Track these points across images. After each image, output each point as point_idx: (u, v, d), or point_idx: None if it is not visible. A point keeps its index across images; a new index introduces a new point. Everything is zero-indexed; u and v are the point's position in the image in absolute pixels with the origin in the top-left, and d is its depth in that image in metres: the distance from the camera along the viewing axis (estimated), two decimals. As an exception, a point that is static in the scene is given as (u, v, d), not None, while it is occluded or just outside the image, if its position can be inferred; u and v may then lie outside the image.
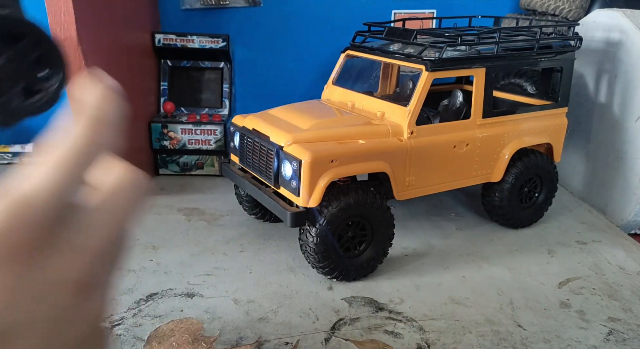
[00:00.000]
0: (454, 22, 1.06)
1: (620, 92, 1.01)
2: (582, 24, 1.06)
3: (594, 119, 1.08)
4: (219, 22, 1.24)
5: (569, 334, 0.69)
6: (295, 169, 0.72)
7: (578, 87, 1.10)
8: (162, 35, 1.15)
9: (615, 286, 0.80)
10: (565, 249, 0.91)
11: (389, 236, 0.81)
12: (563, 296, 0.77)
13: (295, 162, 0.72)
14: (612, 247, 0.92)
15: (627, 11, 1.01)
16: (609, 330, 0.70)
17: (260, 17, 1.25)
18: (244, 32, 1.25)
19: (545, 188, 0.97)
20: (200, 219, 0.99)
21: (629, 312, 0.74)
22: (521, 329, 0.69)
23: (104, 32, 0.91)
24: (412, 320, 0.71)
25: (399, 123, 0.80)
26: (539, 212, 0.99)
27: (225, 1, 1.22)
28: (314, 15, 1.26)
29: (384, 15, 1.27)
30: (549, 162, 0.96)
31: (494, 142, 0.89)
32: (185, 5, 1.21)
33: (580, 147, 1.13)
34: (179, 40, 1.15)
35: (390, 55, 0.87)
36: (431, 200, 1.08)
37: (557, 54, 0.92)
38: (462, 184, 0.89)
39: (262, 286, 0.78)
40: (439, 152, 0.83)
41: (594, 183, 1.10)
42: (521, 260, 0.87)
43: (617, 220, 1.02)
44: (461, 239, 0.94)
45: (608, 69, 1.03)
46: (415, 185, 0.83)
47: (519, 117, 0.91)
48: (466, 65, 0.84)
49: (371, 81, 1.11)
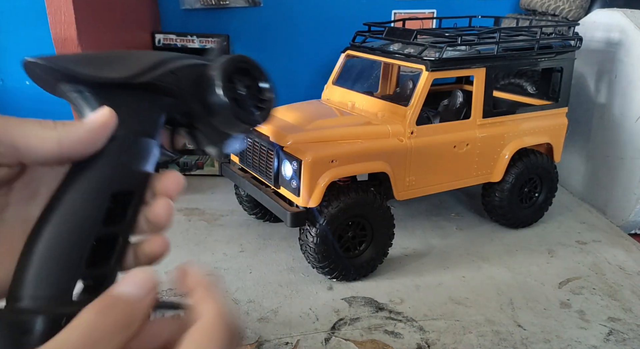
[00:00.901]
0: (454, 22, 1.06)
1: (620, 92, 1.01)
2: (582, 24, 1.06)
3: (594, 119, 1.08)
4: (219, 22, 1.23)
5: (569, 334, 0.69)
6: (296, 169, 0.72)
7: (578, 87, 1.10)
8: (162, 36, 1.15)
9: (615, 286, 0.80)
10: (566, 249, 0.91)
11: (389, 236, 0.81)
12: (563, 296, 0.77)
13: (296, 162, 0.72)
14: (612, 247, 0.92)
15: (627, 11, 1.01)
16: (609, 330, 0.70)
17: (261, 17, 1.25)
18: (244, 32, 1.25)
19: (545, 188, 0.97)
20: (200, 219, 0.99)
21: (629, 312, 0.74)
22: (521, 329, 0.69)
23: (104, 32, 0.91)
24: (412, 320, 0.71)
25: (399, 123, 0.80)
26: (539, 212, 0.99)
27: (225, 1, 1.22)
28: (314, 15, 1.26)
29: (384, 15, 1.27)
30: (549, 162, 0.96)
31: (494, 142, 0.89)
32: (186, 5, 1.21)
33: (580, 147, 1.13)
34: (179, 40, 1.15)
35: (391, 55, 0.87)
36: (431, 200, 1.08)
37: (557, 54, 0.92)
38: (462, 184, 0.89)
39: (262, 286, 0.78)
40: (439, 152, 0.83)
41: (594, 183, 1.10)
42: (521, 260, 0.87)
43: (617, 220, 1.02)
44: (461, 239, 0.94)
45: (608, 69, 1.03)
46: (415, 185, 0.83)
47: (519, 117, 0.91)
48: (466, 65, 0.84)
49: (371, 81, 1.11)
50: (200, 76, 0.34)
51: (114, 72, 0.30)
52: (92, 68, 0.30)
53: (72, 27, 0.78)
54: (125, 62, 0.32)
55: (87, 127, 0.28)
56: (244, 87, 0.36)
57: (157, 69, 0.32)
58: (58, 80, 0.30)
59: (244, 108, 0.35)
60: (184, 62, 0.34)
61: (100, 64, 0.31)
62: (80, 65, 0.30)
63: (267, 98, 0.37)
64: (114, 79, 0.30)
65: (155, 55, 0.33)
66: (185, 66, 0.34)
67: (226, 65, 0.34)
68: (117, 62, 0.31)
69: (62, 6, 0.77)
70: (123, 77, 0.30)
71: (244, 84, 0.36)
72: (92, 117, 0.29)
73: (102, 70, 0.30)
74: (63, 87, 0.30)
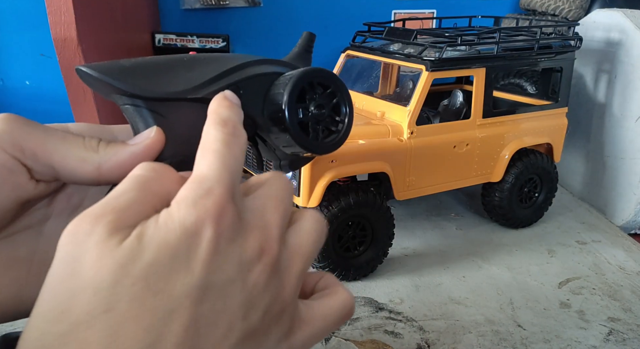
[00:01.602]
0: (454, 22, 1.06)
1: (620, 92, 1.01)
2: (582, 24, 1.06)
3: (593, 119, 1.08)
4: (219, 23, 1.24)
5: (569, 334, 0.69)
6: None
7: (578, 87, 1.10)
8: (162, 36, 1.15)
9: (615, 286, 0.80)
10: (565, 249, 0.91)
11: (389, 236, 0.81)
12: (563, 296, 0.77)
13: (295, 162, 0.72)
14: (612, 248, 0.92)
15: (627, 11, 1.01)
16: (609, 330, 0.70)
17: (260, 17, 1.25)
18: (244, 33, 1.25)
19: (545, 188, 0.97)
20: (200, 219, 0.99)
21: (629, 312, 0.74)
22: (521, 329, 0.69)
23: (104, 32, 0.91)
24: (412, 320, 0.71)
25: (399, 123, 0.80)
26: (539, 212, 0.99)
27: (225, 1, 1.22)
28: (314, 15, 1.26)
29: (384, 15, 1.27)
30: (549, 162, 0.96)
31: (494, 142, 0.89)
32: (185, 5, 1.21)
33: (580, 148, 1.13)
34: (179, 40, 1.15)
35: (390, 55, 0.87)
36: (431, 200, 1.08)
37: (557, 54, 0.92)
38: (462, 184, 0.89)
39: (262, 286, 0.78)
40: (439, 152, 0.83)
41: (593, 183, 1.10)
42: (521, 260, 0.87)
43: (617, 220, 1.02)
44: (461, 239, 0.94)
45: (608, 69, 1.03)
46: (415, 185, 0.83)
47: (519, 117, 0.91)
48: (466, 65, 0.83)
49: (371, 81, 1.11)
50: (268, 89, 0.31)
51: (171, 86, 0.28)
52: (147, 81, 0.28)
53: (72, 27, 0.78)
54: (187, 71, 0.29)
55: (131, 151, 0.27)
56: (316, 106, 0.31)
57: (220, 82, 0.29)
58: (112, 92, 0.28)
59: (314, 131, 0.31)
60: (253, 72, 0.31)
61: (157, 75, 0.28)
62: (135, 77, 0.28)
63: (341, 121, 0.33)
64: (170, 93, 0.28)
65: (221, 63, 0.30)
66: (253, 77, 0.31)
67: (297, 82, 0.30)
68: (177, 71, 0.29)
69: (62, 6, 0.77)
70: (181, 90, 0.28)
71: (316, 102, 0.31)
72: (139, 139, 0.27)
73: (158, 84, 0.28)
74: (117, 99, 0.28)
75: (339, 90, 0.32)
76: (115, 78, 0.27)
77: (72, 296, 0.20)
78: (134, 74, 0.28)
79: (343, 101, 0.33)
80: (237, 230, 0.23)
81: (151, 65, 0.29)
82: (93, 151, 0.27)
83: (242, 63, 0.31)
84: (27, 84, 1.15)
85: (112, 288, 0.20)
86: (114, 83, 0.27)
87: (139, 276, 0.20)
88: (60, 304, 0.20)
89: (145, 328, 0.20)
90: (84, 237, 0.21)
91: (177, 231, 0.22)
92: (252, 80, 0.31)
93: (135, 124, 0.28)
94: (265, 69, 0.32)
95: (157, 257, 0.21)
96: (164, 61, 0.29)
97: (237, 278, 0.23)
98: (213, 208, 0.22)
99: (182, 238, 0.22)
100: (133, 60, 0.29)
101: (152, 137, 0.27)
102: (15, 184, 0.27)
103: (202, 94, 0.29)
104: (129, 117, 0.29)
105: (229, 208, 0.23)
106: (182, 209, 0.22)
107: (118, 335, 0.20)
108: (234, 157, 0.25)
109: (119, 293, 0.20)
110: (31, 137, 0.26)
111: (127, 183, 0.23)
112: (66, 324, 0.20)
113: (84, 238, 0.21)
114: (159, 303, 0.20)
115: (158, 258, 0.21)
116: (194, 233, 0.22)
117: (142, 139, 0.27)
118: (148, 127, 0.28)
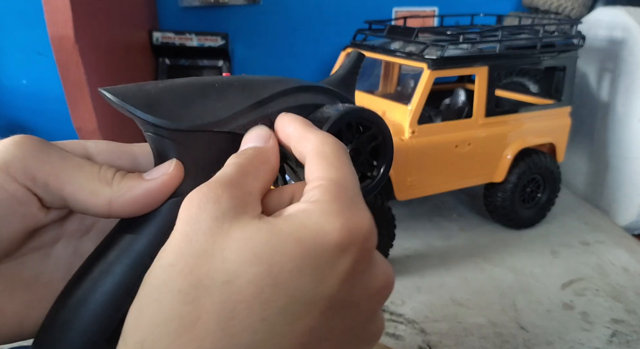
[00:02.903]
0: (455, 20, 1.05)
1: (623, 91, 1.00)
2: (585, 22, 1.05)
3: (597, 118, 1.07)
4: (218, 21, 1.23)
5: (572, 336, 0.68)
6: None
7: (581, 86, 1.09)
8: (160, 34, 1.14)
9: (619, 287, 0.79)
10: (568, 250, 0.90)
11: (390, 236, 0.80)
12: (566, 298, 0.76)
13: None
14: (615, 248, 0.91)
15: (631, 9, 1.00)
16: (612, 332, 0.69)
17: (260, 15, 1.24)
18: (243, 31, 1.24)
19: (548, 188, 0.96)
20: (199, 219, 0.98)
21: (632, 314, 0.73)
22: (524, 331, 0.69)
23: (102, 30, 0.90)
24: (413, 322, 0.70)
25: (400, 122, 0.79)
26: (542, 213, 0.98)
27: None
28: (314, 13, 1.25)
29: (385, 13, 1.26)
30: (552, 162, 0.95)
31: (497, 142, 0.88)
32: (184, 3, 1.20)
33: (583, 147, 1.12)
34: (177, 38, 1.14)
35: (392, 54, 0.86)
36: (433, 200, 1.07)
37: (559, 52, 0.91)
38: (464, 184, 0.88)
39: (262, 288, 0.77)
40: (441, 151, 0.82)
41: (597, 183, 1.09)
42: (524, 261, 0.86)
43: (620, 220, 1.01)
44: (463, 240, 0.93)
45: (611, 67, 1.02)
46: (416, 185, 0.82)
47: (521, 117, 0.90)
48: (468, 63, 0.82)
49: (372, 80, 1.10)
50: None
51: (198, 118, 0.26)
52: (173, 112, 0.26)
53: (69, 26, 0.77)
54: (216, 100, 0.27)
55: (146, 187, 0.26)
56: (352, 149, 0.29)
57: (250, 114, 0.28)
58: (134, 119, 0.27)
59: None
60: (287, 104, 0.29)
61: (183, 105, 0.27)
62: (160, 107, 0.26)
63: (377, 167, 0.30)
64: (196, 126, 0.26)
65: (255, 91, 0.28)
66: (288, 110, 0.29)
67: (335, 124, 0.28)
68: (206, 99, 0.27)
69: (59, 4, 0.76)
70: (207, 123, 0.27)
71: (353, 145, 0.29)
72: (156, 174, 0.26)
73: (184, 116, 0.26)
74: (140, 124, 0.27)
75: (381, 133, 0.30)
76: (139, 107, 0.26)
77: (201, 256, 0.21)
78: (158, 104, 0.26)
79: (384, 145, 0.30)
80: (371, 258, 0.24)
81: (178, 93, 0.27)
82: (107, 184, 0.26)
83: (277, 92, 0.29)
84: (23, 83, 1.14)
85: (238, 265, 0.20)
86: (136, 113, 0.26)
87: (269, 263, 0.21)
88: (187, 266, 0.21)
89: (263, 318, 0.20)
90: (211, 206, 0.22)
91: (331, 244, 0.22)
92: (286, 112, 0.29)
93: (156, 151, 0.27)
94: (302, 99, 0.30)
95: (299, 256, 0.21)
96: (193, 88, 0.28)
97: (359, 303, 0.23)
98: (361, 233, 0.23)
99: (332, 252, 0.22)
100: (160, 87, 0.27)
101: (169, 173, 0.26)
102: (25, 215, 0.25)
103: (229, 128, 0.27)
104: (150, 143, 0.27)
105: (373, 235, 0.24)
106: (334, 222, 0.22)
107: (236, 312, 0.20)
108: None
109: (242, 271, 0.20)
110: (45, 165, 0.25)
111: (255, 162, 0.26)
112: (187, 283, 0.20)
113: (211, 206, 0.22)
114: (281, 298, 0.20)
115: (298, 258, 0.21)
116: (343, 250, 0.22)
117: (160, 174, 0.26)
118: (169, 157, 0.27)
